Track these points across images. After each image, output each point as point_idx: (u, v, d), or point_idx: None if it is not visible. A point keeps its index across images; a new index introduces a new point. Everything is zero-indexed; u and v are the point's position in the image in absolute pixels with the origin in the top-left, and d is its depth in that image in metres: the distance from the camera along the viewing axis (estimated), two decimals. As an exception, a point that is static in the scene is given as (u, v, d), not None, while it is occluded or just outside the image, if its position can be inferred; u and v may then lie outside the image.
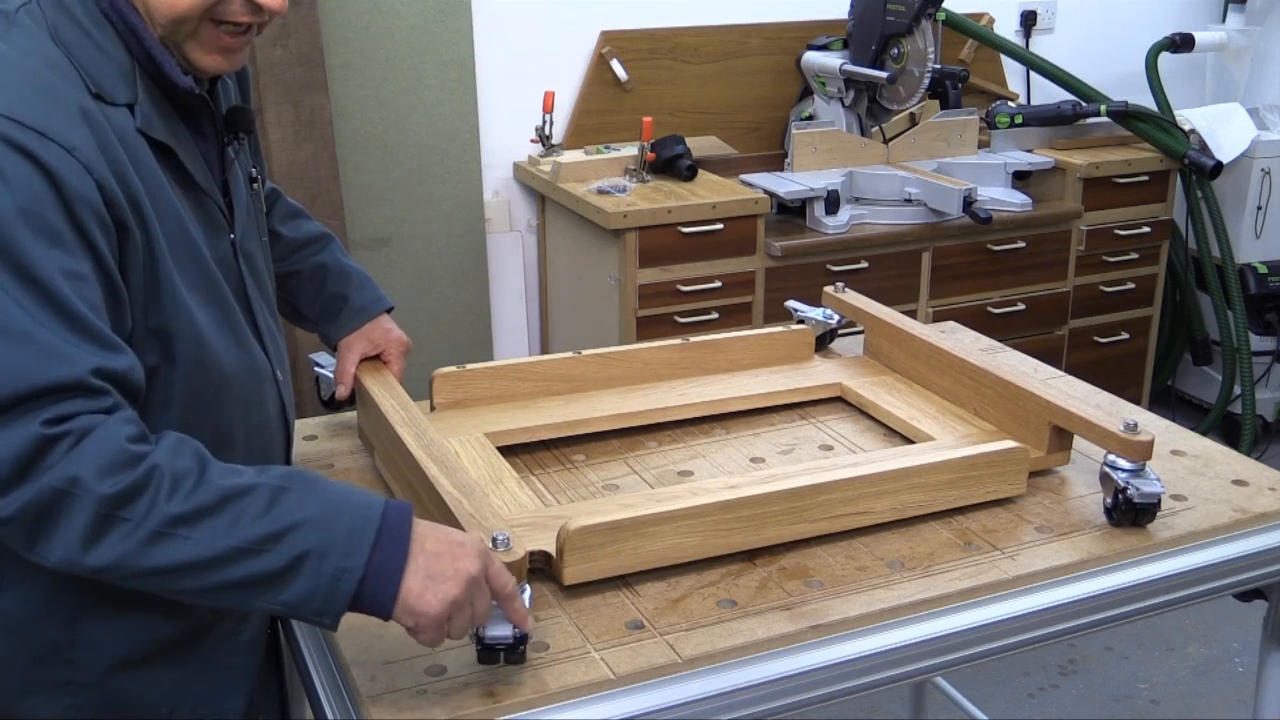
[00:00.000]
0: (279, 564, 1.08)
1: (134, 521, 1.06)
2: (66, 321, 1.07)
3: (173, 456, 1.09)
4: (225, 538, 1.07)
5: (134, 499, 1.06)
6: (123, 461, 1.06)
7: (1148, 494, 1.49)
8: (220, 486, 1.09)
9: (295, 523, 1.09)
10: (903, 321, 1.94)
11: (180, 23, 1.21)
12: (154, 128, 1.21)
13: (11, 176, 1.07)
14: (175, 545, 1.06)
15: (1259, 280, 3.97)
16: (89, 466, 1.05)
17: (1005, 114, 3.62)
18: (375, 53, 3.24)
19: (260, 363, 1.36)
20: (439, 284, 3.43)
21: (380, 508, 1.14)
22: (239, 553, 1.07)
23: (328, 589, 1.10)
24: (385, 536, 1.12)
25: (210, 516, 1.07)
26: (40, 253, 1.07)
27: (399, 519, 1.14)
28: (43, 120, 1.09)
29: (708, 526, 1.40)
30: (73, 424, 1.06)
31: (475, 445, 1.64)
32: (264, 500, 1.09)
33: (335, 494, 1.14)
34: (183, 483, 1.08)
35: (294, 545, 1.08)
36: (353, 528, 1.11)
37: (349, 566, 1.10)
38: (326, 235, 1.68)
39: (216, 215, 1.31)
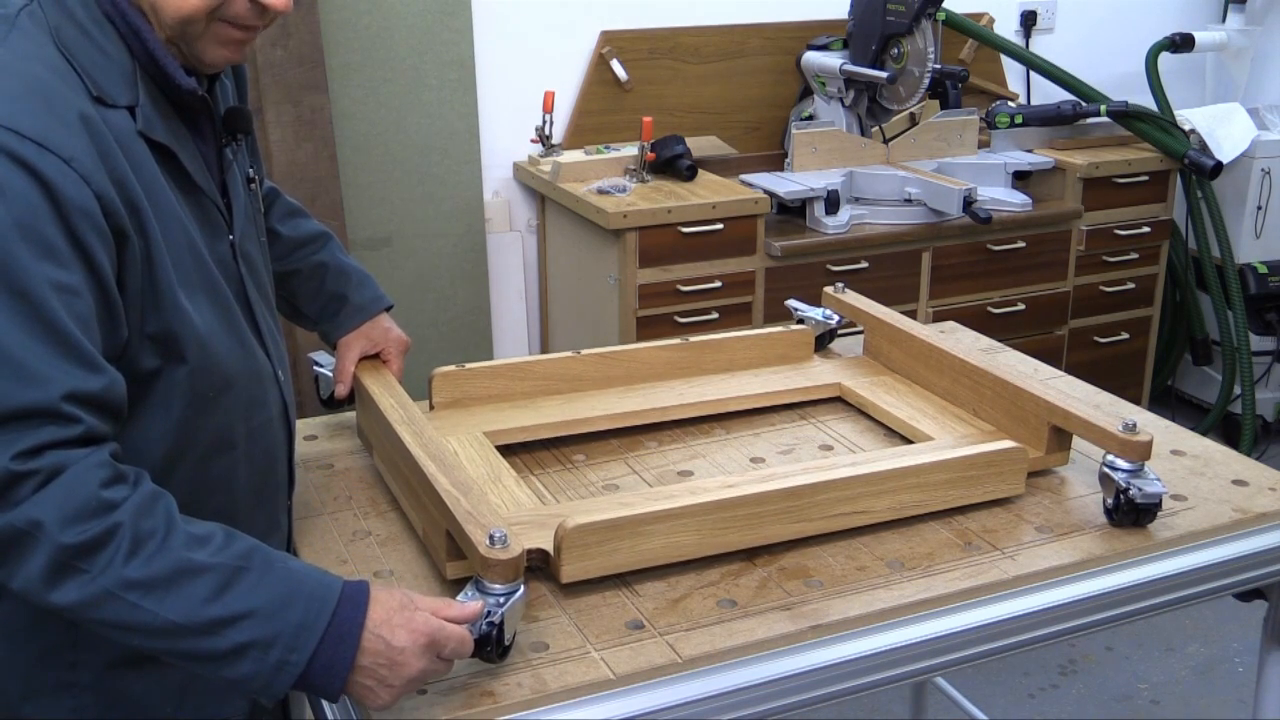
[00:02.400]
0: (223, 647, 1.09)
1: (91, 574, 1.06)
2: (49, 339, 1.07)
3: (139, 515, 1.08)
4: (173, 614, 1.07)
5: (93, 553, 1.06)
6: (89, 510, 1.06)
7: (1150, 494, 1.49)
8: (179, 558, 1.08)
9: (244, 611, 1.09)
10: (902, 322, 1.94)
11: (188, 23, 1.21)
12: (155, 129, 1.21)
13: (7, 188, 1.07)
14: (125, 609, 1.07)
15: (1259, 280, 3.97)
16: (54, 513, 1.05)
17: (1005, 114, 3.62)
18: (375, 53, 3.24)
19: (262, 363, 1.36)
20: (439, 284, 3.43)
21: (333, 602, 1.13)
22: (185, 630, 1.08)
23: (269, 676, 1.10)
24: (333, 634, 1.12)
25: (162, 589, 1.07)
26: (32, 266, 1.06)
27: (351, 614, 1.13)
28: (41, 130, 1.09)
29: (705, 525, 1.40)
30: (43, 460, 1.05)
31: (474, 444, 1.64)
32: (218, 582, 1.09)
33: (290, 582, 1.13)
34: (143, 546, 1.07)
35: (240, 634, 1.09)
36: (301, 622, 1.11)
37: (292, 660, 1.10)
38: (325, 234, 1.68)
39: (216, 217, 1.31)
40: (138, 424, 1.21)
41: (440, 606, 1.18)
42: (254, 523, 1.32)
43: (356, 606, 1.14)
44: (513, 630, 1.23)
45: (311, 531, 1.52)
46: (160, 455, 1.23)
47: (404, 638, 1.14)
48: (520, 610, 1.24)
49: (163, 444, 1.23)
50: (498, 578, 1.21)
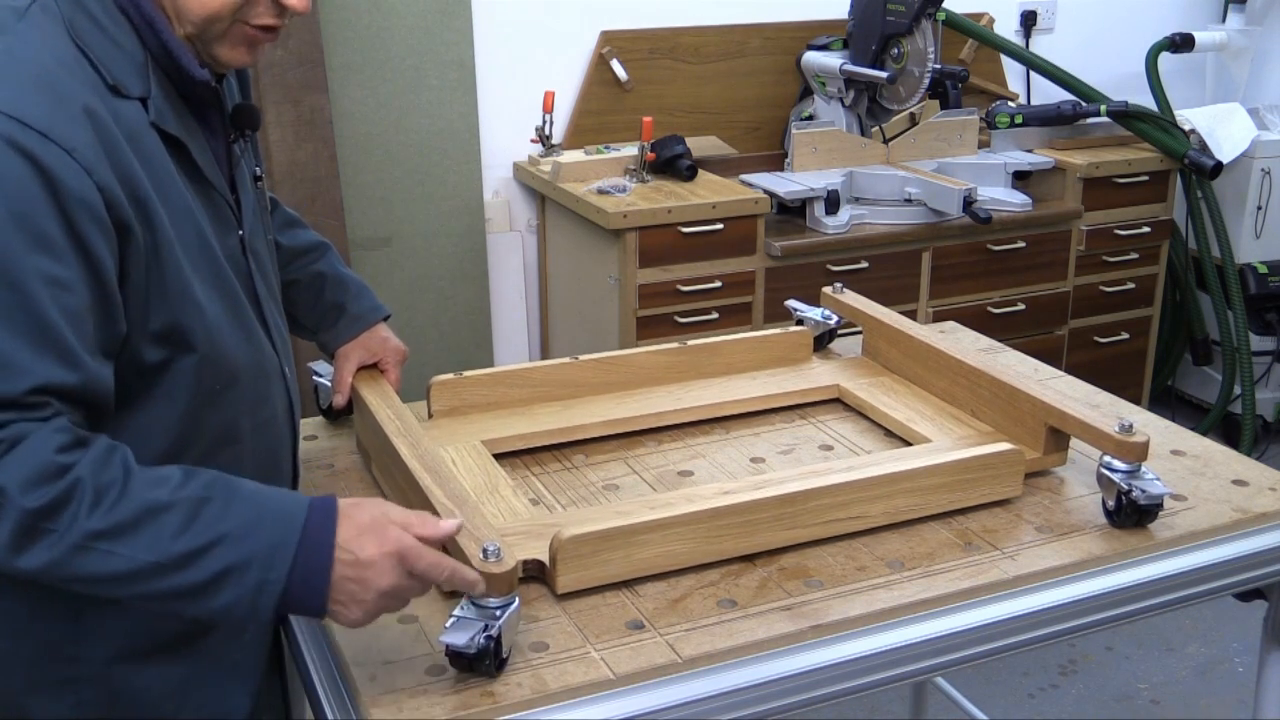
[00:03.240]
0: (201, 578, 1.09)
1: (58, 533, 1.07)
2: (29, 330, 1.07)
3: (97, 468, 1.09)
4: (146, 554, 1.08)
5: (57, 512, 1.07)
6: (47, 474, 1.07)
7: (1153, 495, 1.49)
8: (142, 500, 1.09)
9: (215, 538, 1.10)
10: (900, 322, 1.94)
11: (211, 22, 1.22)
12: (167, 121, 1.22)
13: (7, 177, 1.07)
14: (98, 558, 1.08)
15: (1259, 280, 3.97)
16: (14, 478, 1.06)
17: (1005, 114, 3.62)
18: (375, 53, 3.24)
19: (269, 359, 1.36)
20: (439, 284, 3.43)
21: (302, 517, 1.13)
22: (160, 568, 1.09)
23: (251, 600, 1.11)
24: (306, 547, 1.12)
25: (130, 532, 1.08)
26: (24, 257, 1.07)
27: (321, 526, 1.14)
28: (45, 120, 1.09)
29: (700, 533, 1.40)
30: (3, 433, 1.06)
31: (471, 453, 1.64)
32: (184, 515, 1.10)
33: (257, 504, 1.14)
34: (105, 496, 1.08)
35: (215, 561, 1.10)
36: (274, 540, 1.11)
37: (271, 579, 1.11)
38: (324, 244, 1.69)
39: (225, 211, 1.31)
40: (143, 415, 1.21)
41: (414, 522, 1.18)
42: None
43: (327, 517, 1.14)
44: (509, 643, 1.23)
45: (312, 532, 1.51)
46: (166, 447, 1.24)
47: (373, 549, 1.13)
48: (516, 623, 1.24)
49: (167, 436, 1.24)
50: (491, 591, 1.21)
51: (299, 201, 2.99)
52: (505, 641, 1.21)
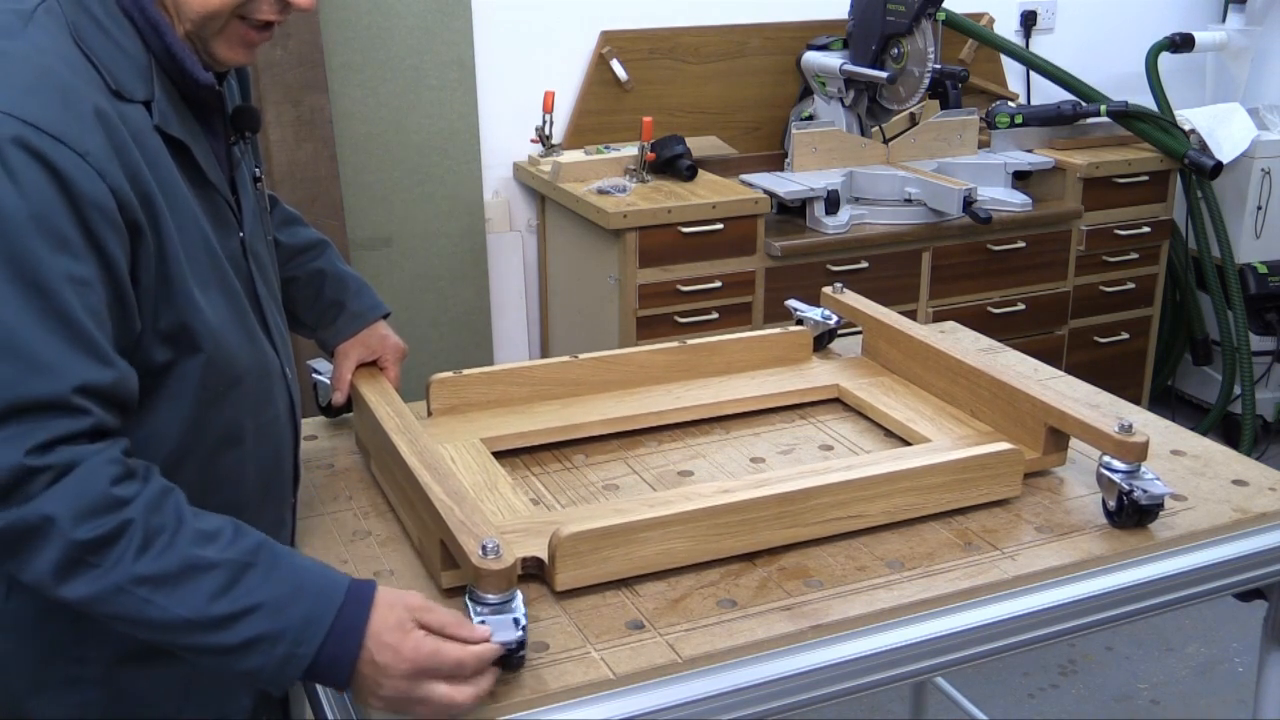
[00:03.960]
0: (232, 642, 1.11)
1: (102, 569, 1.08)
2: (62, 331, 1.08)
3: (150, 511, 1.10)
4: (182, 609, 1.09)
5: (105, 549, 1.07)
6: (101, 507, 1.07)
7: (1155, 495, 1.49)
8: (188, 555, 1.10)
9: (252, 606, 1.11)
10: (900, 322, 1.94)
11: (211, 19, 1.22)
12: (171, 124, 1.22)
13: (24, 181, 1.07)
14: (136, 603, 1.09)
15: (1259, 280, 3.97)
16: (66, 508, 1.06)
17: (1005, 114, 3.62)
18: (375, 53, 3.24)
19: (270, 360, 1.37)
20: (439, 284, 3.43)
21: (340, 598, 1.14)
22: (194, 625, 1.10)
23: (277, 669, 1.12)
24: (339, 629, 1.13)
25: (171, 585, 1.09)
26: (47, 259, 1.07)
27: (356, 611, 1.14)
28: (57, 124, 1.09)
29: (699, 531, 1.40)
30: (55, 456, 1.07)
31: (470, 451, 1.64)
32: (226, 578, 1.11)
33: (297, 577, 1.14)
34: (154, 542, 1.09)
35: (248, 628, 1.10)
36: (308, 617, 1.12)
37: (299, 654, 1.12)
38: (323, 241, 1.68)
39: (227, 213, 1.32)
40: (149, 417, 1.21)
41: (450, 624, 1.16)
42: (260, 519, 1.32)
43: (361, 604, 1.15)
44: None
45: (312, 531, 1.52)
46: (170, 448, 1.24)
47: (388, 658, 1.13)
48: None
49: (173, 437, 1.24)
50: (490, 588, 1.21)
51: (299, 201, 2.99)
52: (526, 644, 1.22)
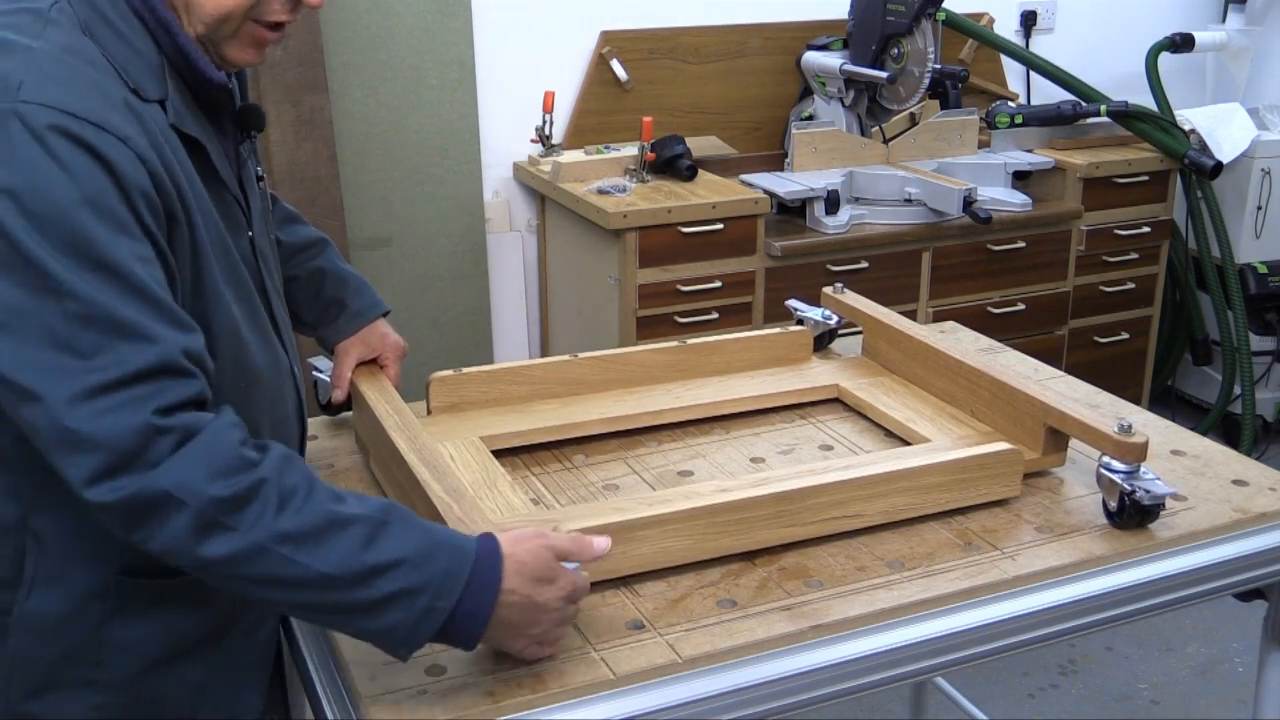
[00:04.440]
0: (373, 597, 1.11)
1: (239, 531, 1.08)
2: (147, 304, 1.09)
3: (281, 471, 1.11)
4: (326, 565, 1.09)
5: (242, 507, 1.08)
6: (233, 467, 1.08)
7: (1157, 495, 1.48)
8: (326, 511, 1.11)
9: (395, 560, 1.12)
10: (900, 322, 1.94)
11: (224, 21, 1.22)
12: (186, 123, 1.22)
13: (74, 168, 1.08)
14: (277, 562, 1.09)
15: (1259, 280, 3.97)
16: (200, 469, 1.07)
17: (1005, 114, 3.62)
18: (375, 53, 3.24)
19: (281, 359, 1.37)
20: (439, 284, 3.43)
21: (473, 552, 1.16)
22: (335, 582, 1.10)
23: (414, 624, 1.13)
24: (474, 583, 1.15)
25: (313, 541, 1.09)
26: (111, 240, 1.08)
27: (489, 565, 1.16)
28: (97, 112, 1.10)
29: (698, 530, 1.40)
30: (178, 419, 1.08)
31: (470, 449, 1.64)
32: (366, 533, 1.12)
33: (431, 533, 1.16)
34: (291, 500, 1.10)
35: (391, 582, 1.11)
36: (447, 570, 1.14)
37: (439, 607, 1.13)
38: (323, 240, 1.69)
39: (237, 212, 1.32)
40: None
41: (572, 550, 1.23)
42: None
43: (494, 556, 1.17)
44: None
45: (311, 531, 1.51)
46: None
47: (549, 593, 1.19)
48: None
49: None
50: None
51: (299, 201, 2.98)
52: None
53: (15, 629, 1.23)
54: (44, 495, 1.19)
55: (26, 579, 1.22)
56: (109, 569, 1.23)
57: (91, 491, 1.06)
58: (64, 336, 1.06)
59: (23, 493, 1.20)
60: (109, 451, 1.05)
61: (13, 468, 1.19)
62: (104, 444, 1.05)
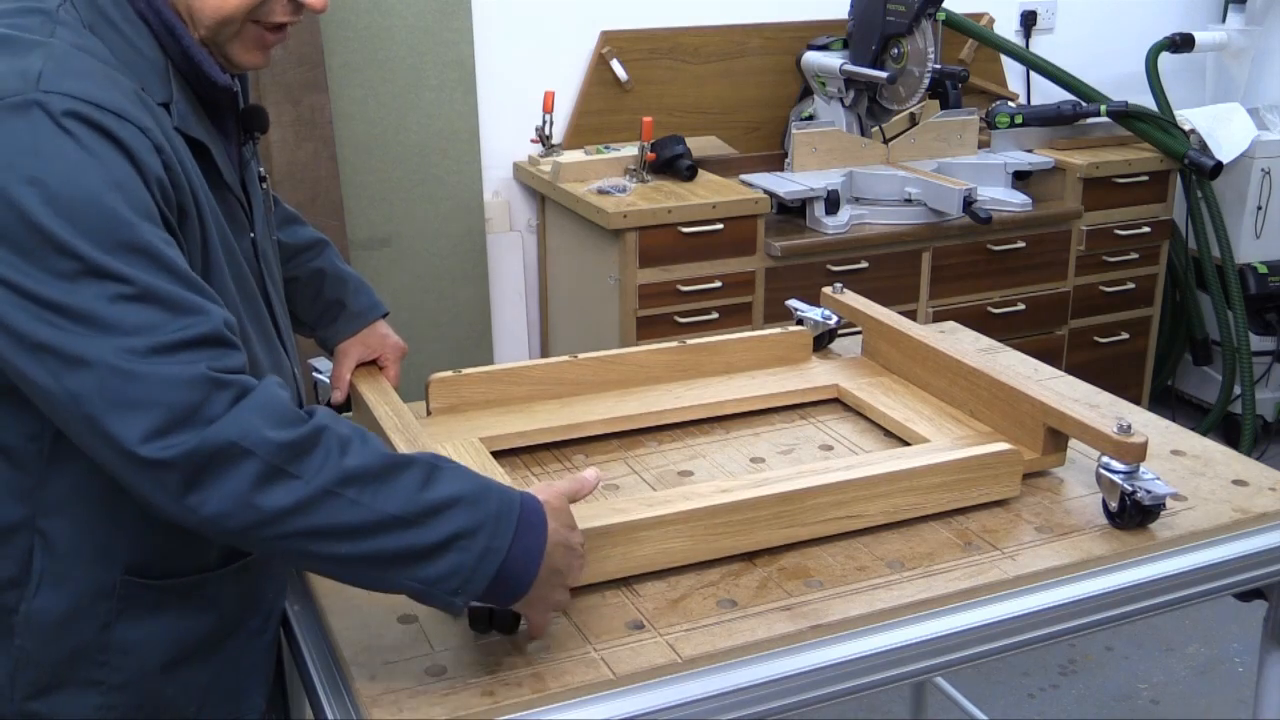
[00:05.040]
0: (434, 539, 1.12)
1: (304, 479, 1.07)
2: (182, 282, 1.09)
3: (334, 421, 1.12)
4: (390, 505, 1.10)
5: (308, 452, 1.08)
6: (293, 418, 1.09)
7: (1158, 495, 1.49)
8: (384, 454, 1.12)
9: (453, 498, 1.13)
10: (899, 322, 1.94)
11: (225, 24, 1.22)
12: (190, 126, 1.22)
13: (101, 154, 1.08)
14: (344, 506, 1.08)
15: (1259, 280, 3.97)
16: (261, 417, 1.07)
17: (1005, 114, 3.62)
18: (375, 53, 3.24)
19: (282, 359, 1.38)
20: (439, 284, 3.43)
21: (518, 495, 1.19)
22: (399, 522, 1.10)
23: (473, 567, 1.13)
24: (525, 522, 1.17)
25: (377, 482, 1.10)
26: (140, 224, 1.08)
27: (534, 505, 1.19)
28: (116, 102, 1.11)
29: (697, 531, 1.40)
30: (234, 377, 1.08)
31: (469, 450, 1.64)
32: (423, 473, 1.13)
33: (477, 477, 1.18)
34: (350, 445, 1.11)
35: (450, 522, 1.12)
36: (500, 511, 1.15)
37: (495, 546, 1.14)
38: (323, 241, 1.69)
39: (239, 213, 1.32)
40: None
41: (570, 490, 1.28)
42: None
43: (535, 500, 1.20)
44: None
45: (311, 532, 1.51)
46: None
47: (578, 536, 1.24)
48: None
49: None
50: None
51: (299, 201, 2.99)
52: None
53: (21, 628, 1.23)
54: (52, 495, 1.19)
55: (34, 579, 1.22)
56: (115, 570, 1.22)
57: (147, 448, 1.03)
58: (110, 318, 1.05)
59: (31, 493, 1.19)
60: (166, 407, 1.04)
61: (22, 467, 1.18)
62: (160, 399, 1.04)
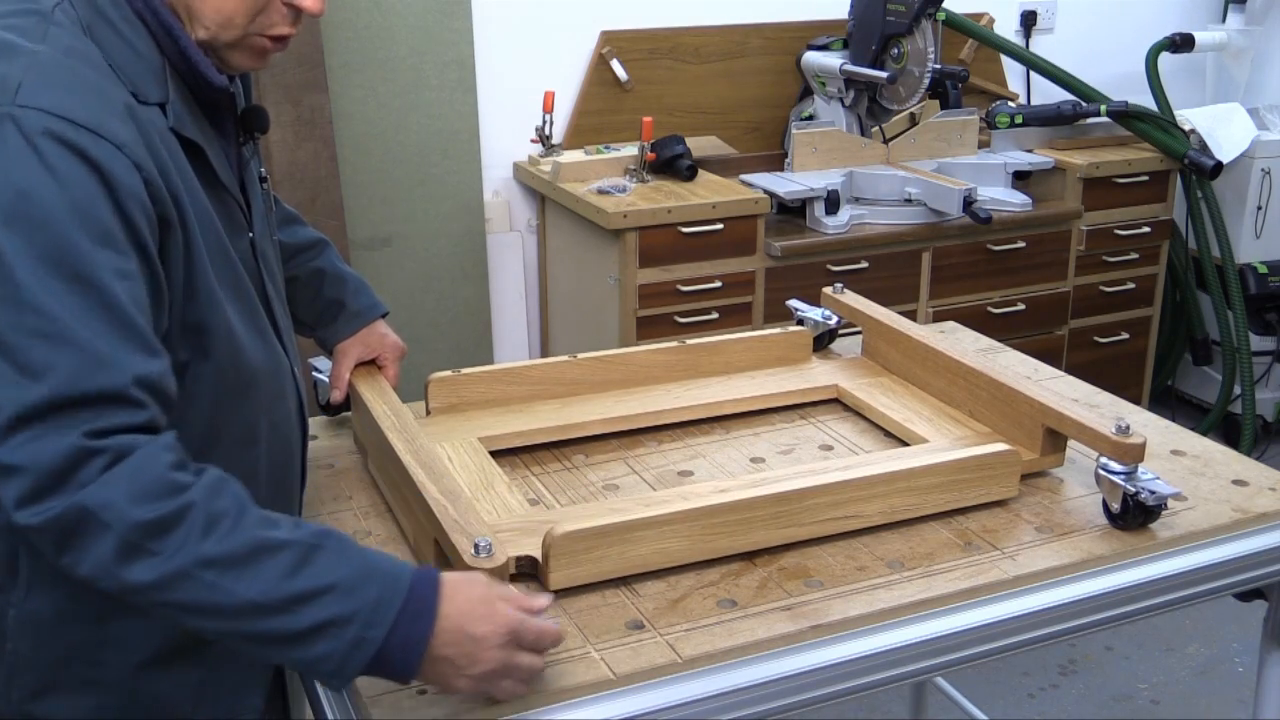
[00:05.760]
0: (301, 626, 1.07)
1: (164, 555, 1.05)
2: (113, 324, 1.07)
3: (211, 495, 1.08)
4: (251, 591, 1.06)
5: (166, 532, 1.05)
6: (160, 490, 1.05)
7: (1161, 495, 1.48)
8: (254, 536, 1.07)
9: (324, 586, 1.08)
10: (899, 322, 1.94)
11: (226, 27, 1.22)
12: (185, 126, 1.22)
13: (65, 175, 1.07)
14: (202, 589, 1.05)
15: (1259, 280, 3.97)
16: (123, 489, 1.04)
17: (1005, 114, 3.62)
18: (375, 53, 3.24)
19: (281, 359, 1.37)
20: (439, 284, 3.43)
21: (408, 580, 1.12)
22: (262, 609, 1.06)
23: (345, 654, 1.08)
24: (409, 611, 1.10)
25: (240, 567, 1.06)
26: (91, 252, 1.07)
27: (424, 595, 1.12)
28: (94, 118, 1.10)
29: (695, 531, 1.40)
30: (112, 441, 1.05)
31: (468, 450, 1.64)
32: (295, 558, 1.08)
33: (365, 560, 1.12)
34: (218, 525, 1.06)
35: (319, 610, 1.07)
36: (379, 598, 1.09)
37: (370, 636, 1.09)
38: (323, 241, 1.69)
39: (237, 214, 1.32)
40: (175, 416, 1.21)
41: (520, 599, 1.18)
42: None
43: (430, 587, 1.13)
44: None
45: (311, 532, 1.51)
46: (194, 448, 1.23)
47: (485, 627, 1.13)
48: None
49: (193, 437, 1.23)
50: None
51: (299, 201, 2.99)
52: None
53: (13, 631, 1.23)
54: None
55: (21, 581, 1.22)
56: None
57: (21, 515, 1.04)
58: (15, 348, 1.04)
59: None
60: (37, 474, 1.03)
61: None
62: (31, 468, 1.03)
